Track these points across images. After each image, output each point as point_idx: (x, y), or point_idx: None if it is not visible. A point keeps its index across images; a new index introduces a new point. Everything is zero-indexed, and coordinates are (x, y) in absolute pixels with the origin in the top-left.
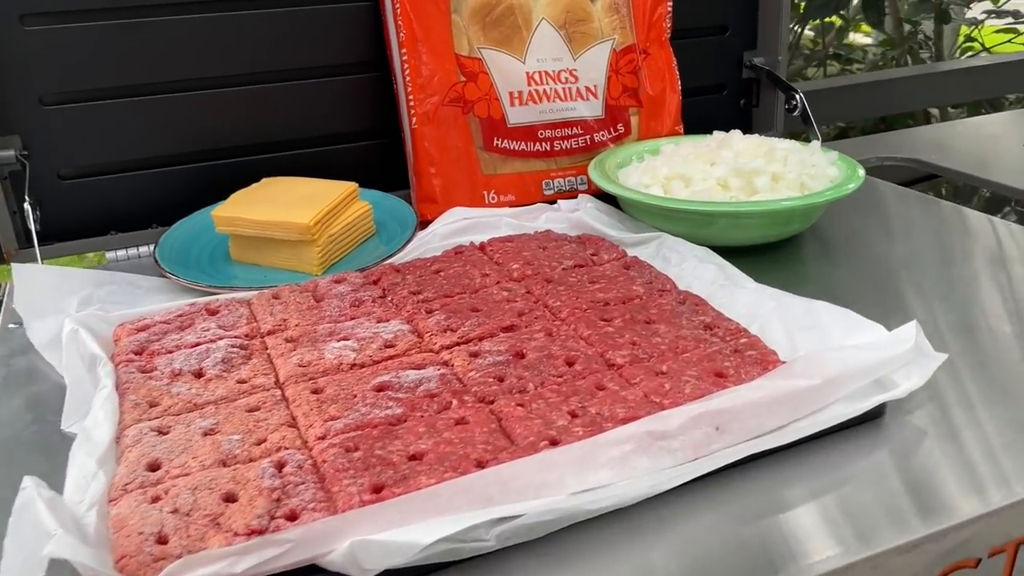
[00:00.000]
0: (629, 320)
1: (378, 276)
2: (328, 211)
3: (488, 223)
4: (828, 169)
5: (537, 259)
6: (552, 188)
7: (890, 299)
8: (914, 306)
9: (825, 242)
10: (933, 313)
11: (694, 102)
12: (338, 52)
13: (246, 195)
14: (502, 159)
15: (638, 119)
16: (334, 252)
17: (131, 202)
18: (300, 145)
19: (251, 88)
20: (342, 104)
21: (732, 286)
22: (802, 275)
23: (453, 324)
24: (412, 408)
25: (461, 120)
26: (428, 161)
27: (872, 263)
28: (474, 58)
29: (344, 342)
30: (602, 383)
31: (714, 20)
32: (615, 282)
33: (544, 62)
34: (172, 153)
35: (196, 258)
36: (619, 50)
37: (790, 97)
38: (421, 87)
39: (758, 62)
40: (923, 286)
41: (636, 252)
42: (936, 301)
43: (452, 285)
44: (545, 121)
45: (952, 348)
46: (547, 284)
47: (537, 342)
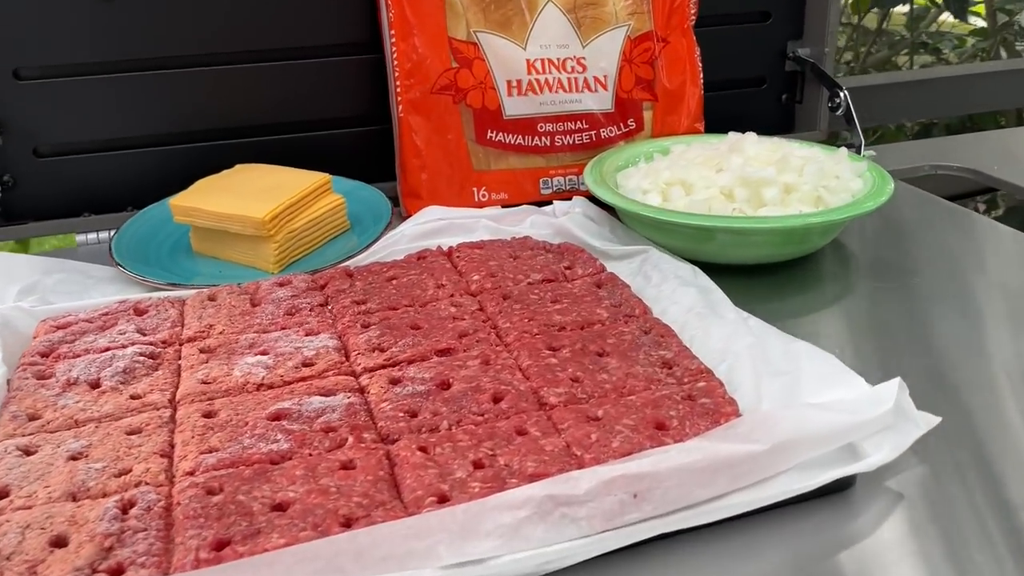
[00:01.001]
0: (579, 351)
1: (326, 281)
2: (289, 205)
3: (464, 225)
4: (851, 182)
5: (503, 270)
6: (550, 187)
7: (904, 341)
8: (931, 352)
9: (846, 261)
10: (952, 362)
11: (729, 96)
12: (332, 32)
13: (209, 183)
14: (496, 154)
15: (652, 114)
16: (295, 249)
17: (109, 183)
18: (290, 129)
19: (239, 68)
20: (335, 87)
21: (710, 315)
22: (810, 301)
23: (385, 342)
24: (301, 443)
25: (451, 110)
26: (414, 153)
27: (895, 292)
28: (470, 43)
29: (260, 357)
30: (524, 427)
31: (755, 6)
32: (580, 303)
33: (548, 48)
34: (154, 133)
35: (157, 249)
36: (634, 37)
37: (834, 94)
38: (409, 72)
39: (803, 54)
40: (949, 328)
41: (618, 267)
42: (960, 348)
43: (400, 296)
44: (546, 114)
45: (968, 405)
46: (503, 301)
47: (468, 371)
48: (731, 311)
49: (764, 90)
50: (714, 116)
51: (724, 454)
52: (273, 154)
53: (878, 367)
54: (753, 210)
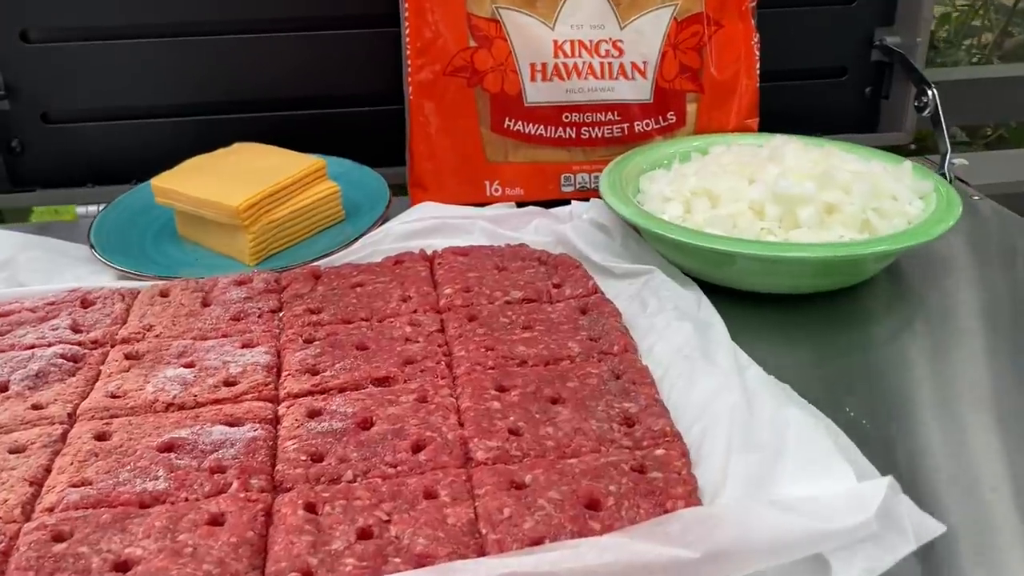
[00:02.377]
0: (530, 394)
1: (288, 282)
2: (271, 194)
3: (458, 226)
4: (910, 204)
5: (481, 284)
6: (572, 184)
7: (954, 411)
8: (989, 429)
9: (904, 296)
10: (1009, 445)
11: (802, 88)
12: (354, 1)
13: (197, 163)
14: (514, 144)
15: (696, 108)
16: (277, 240)
17: (119, 153)
18: (305, 105)
19: (254, 37)
20: (355, 62)
21: (700, 359)
22: (844, 344)
23: (321, 363)
24: (181, 485)
25: (465, 94)
26: (423, 140)
27: (957, 341)
28: (491, 20)
29: (183, 370)
30: (436, 488)
31: None
32: (553, 332)
33: (580, 29)
34: (167, 103)
35: (144, 230)
36: (681, 19)
37: (921, 92)
38: (421, 50)
39: (891, 43)
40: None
41: (617, 287)
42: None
43: (359, 307)
44: (573, 102)
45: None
46: (468, 323)
47: (398, 408)
48: (727, 356)
49: (844, 82)
50: (783, 111)
51: (644, 559)
52: (285, 130)
53: (906, 445)
54: (785, 231)
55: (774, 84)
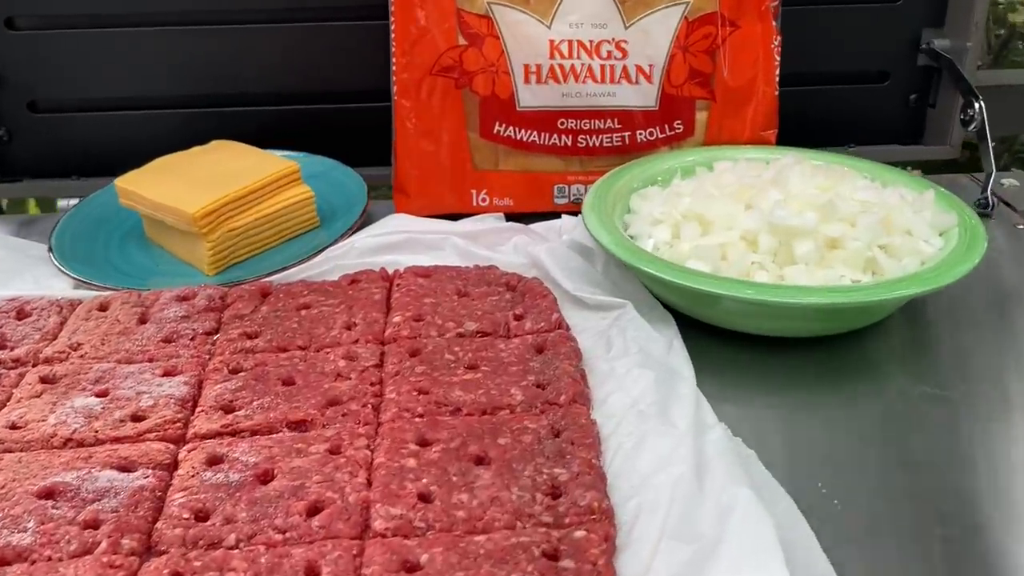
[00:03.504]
0: (454, 450)
1: (233, 299)
2: (234, 199)
3: (429, 242)
4: (927, 241)
5: (436, 312)
6: (566, 196)
7: (959, 487)
8: (998, 505)
9: (919, 339)
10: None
11: (840, 93)
12: None
13: (166, 163)
14: (504, 151)
15: (707, 117)
16: (240, 249)
17: (107, 144)
18: (300, 100)
19: (249, 28)
20: (347, 55)
21: (655, 417)
22: (838, 396)
23: (240, 399)
24: (48, 541)
25: (453, 96)
26: (406, 143)
27: (969, 403)
28: (483, 16)
29: (93, 399)
30: (319, 564)
31: None
32: (501, 373)
33: (580, 28)
34: (156, 95)
35: (112, 231)
36: (693, 19)
37: (967, 103)
38: (407, 48)
39: (939, 47)
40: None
41: (587, 321)
42: None
43: (298, 334)
44: (569, 107)
45: None
46: (409, 358)
47: (305, 460)
48: (688, 414)
49: (887, 88)
50: (818, 119)
51: None
52: (276, 125)
53: (893, 527)
54: (779, 267)
55: (809, 89)
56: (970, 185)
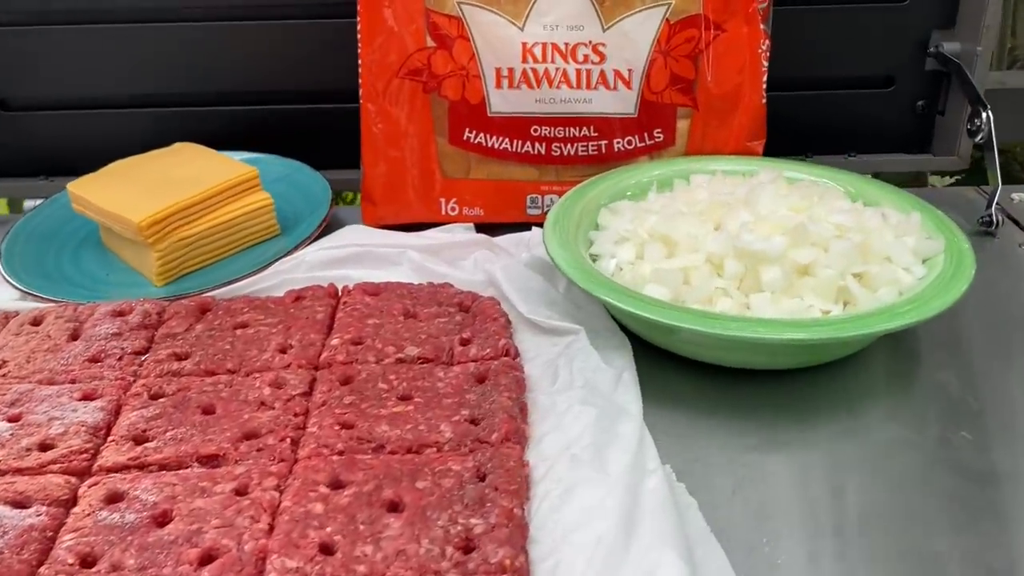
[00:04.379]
0: (368, 495)
1: (170, 316)
2: (183, 207)
3: (384, 256)
4: (907, 269)
5: (378, 334)
6: (539, 207)
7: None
8: None
9: (902, 373)
10: None
11: (842, 98)
12: None
13: (122, 167)
14: (476, 159)
15: (689, 126)
16: (193, 258)
17: (79, 143)
18: (275, 99)
19: (223, 25)
20: (320, 54)
21: (589, 463)
22: (803, 433)
23: (155, 429)
24: None
25: (421, 100)
26: (373, 149)
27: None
28: (453, 17)
29: (5, 424)
30: None
31: None
32: (434, 406)
33: (555, 30)
34: (128, 93)
35: (69, 236)
36: (675, 21)
37: (975, 112)
38: (374, 49)
39: (949, 50)
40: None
41: (539, 347)
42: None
43: (229, 356)
44: (543, 114)
45: None
46: (339, 387)
47: (208, 501)
48: (624, 460)
49: (892, 94)
50: (819, 125)
51: None
52: (244, 125)
53: None
54: (743, 294)
55: (808, 93)
56: (977, 199)
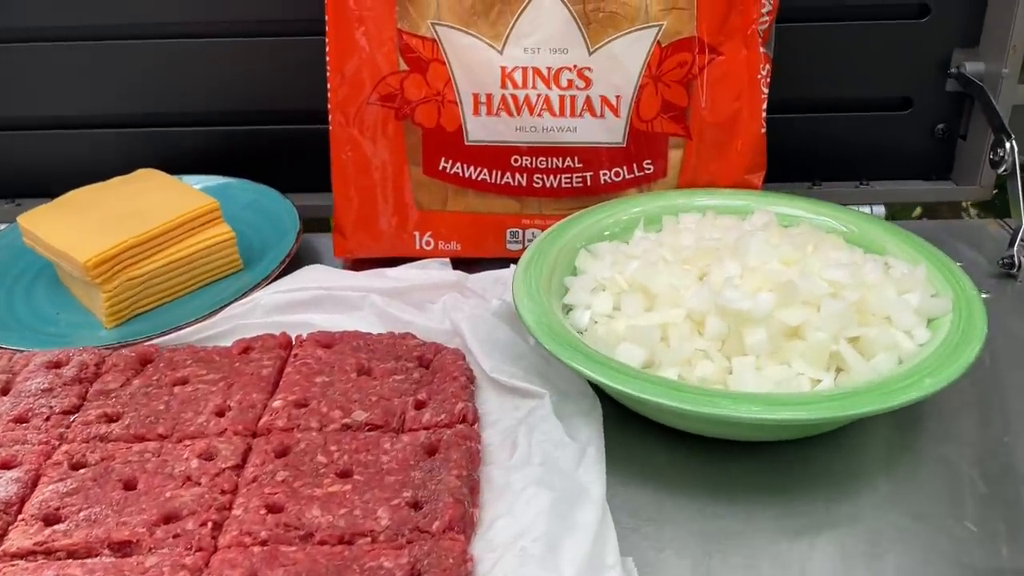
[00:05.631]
0: None
1: (108, 368)
2: (134, 244)
3: (344, 300)
4: (909, 332)
5: (327, 395)
6: (519, 241)
7: None
8: None
9: (909, 441)
10: None
11: (856, 121)
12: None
13: (76, 198)
14: (453, 190)
15: (681, 156)
16: (147, 297)
17: (42, 165)
18: (245, 120)
19: (193, 43)
20: (298, 72)
21: (538, 561)
22: (791, 513)
23: (68, 507)
24: None
25: (393, 128)
26: (343, 179)
27: (953, 543)
28: (427, 38)
29: None
30: None
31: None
32: (375, 485)
33: (537, 53)
34: (99, 113)
35: (24, 270)
36: (667, 44)
37: (998, 141)
38: (343, 72)
39: (972, 72)
40: None
41: (501, 411)
42: None
43: (163, 418)
44: (525, 143)
45: None
46: (274, 460)
47: None
48: (579, 556)
49: (909, 117)
50: (831, 150)
51: None
52: (214, 146)
53: None
54: (725, 356)
55: (819, 116)
56: (1000, 235)
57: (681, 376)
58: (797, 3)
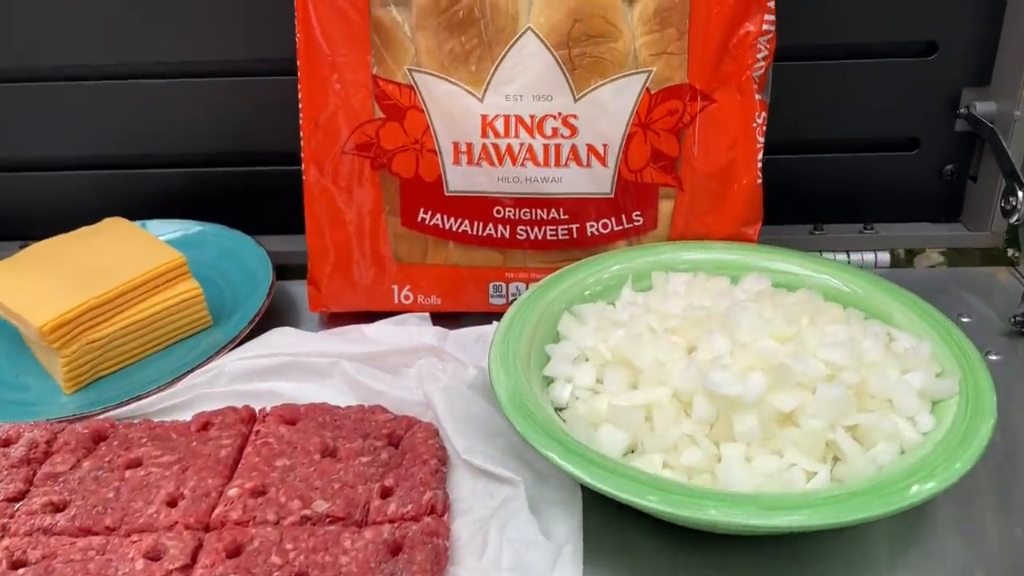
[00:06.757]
0: None
1: (59, 446)
2: (95, 306)
3: (313, 367)
4: (909, 421)
5: (286, 481)
6: (503, 295)
7: None
8: None
9: (918, 535)
10: None
11: (860, 162)
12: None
13: (39, 251)
14: (433, 242)
15: (672, 208)
16: (109, 360)
17: (13, 208)
18: (220, 162)
19: (162, 84)
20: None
21: None
22: None
23: None
24: None
25: (369, 178)
26: (317, 230)
27: None
28: (403, 85)
29: None
30: None
31: (913, 31)
32: None
33: (519, 101)
34: (74, 155)
35: None
36: (656, 91)
37: (1009, 190)
38: (316, 121)
39: (982, 112)
40: None
41: (473, 499)
42: None
43: (111, 508)
44: (508, 193)
45: None
46: (226, 560)
47: None
48: None
49: (916, 157)
50: (834, 192)
51: None
52: (187, 189)
53: None
54: (712, 442)
55: (822, 156)
56: (1011, 285)
57: (666, 463)
58: (801, 40)
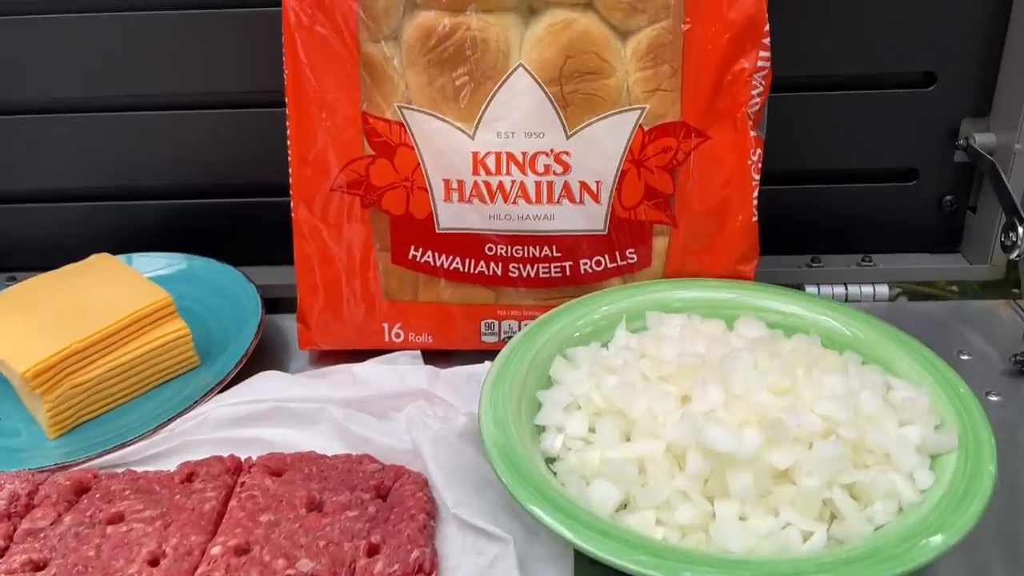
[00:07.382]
0: None
1: (41, 499)
2: (79, 350)
3: (300, 413)
4: (907, 478)
5: (271, 538)
6: (495, 333)
7: None
8: None
9: None
10: None
11: (857, 193)
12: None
13: (24, 290)
14: (424, 279)
15: (667, 246)
16: (93, 404)
17: (1, 241)
18: (210, 193)
19: (151, 116)
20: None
21: None
22: None
23: None
24: None
25: (359, 216)
26: (307, 268)
27: None
28: (393, 122)
29: None
30: None
31: (912, 62)
32: None
33: (511, 138)
34: (69, 187)
35: None
36: (650, 128)
37: (1010, 225)
38: (304, 157)
39: (981, 144)
40: None
41: (461, 556)
42: None
43: (90, 568)
44: (499, 231)
45: None
46: None
47: None
48: None
49: (914, 188)
50: (831, 223)
51: None
52: (177, 222)
53: None
54: (705, 499)
55: (819, 187)
56: (1012, 320)
57: (659, 520)
58: (799, 71)
